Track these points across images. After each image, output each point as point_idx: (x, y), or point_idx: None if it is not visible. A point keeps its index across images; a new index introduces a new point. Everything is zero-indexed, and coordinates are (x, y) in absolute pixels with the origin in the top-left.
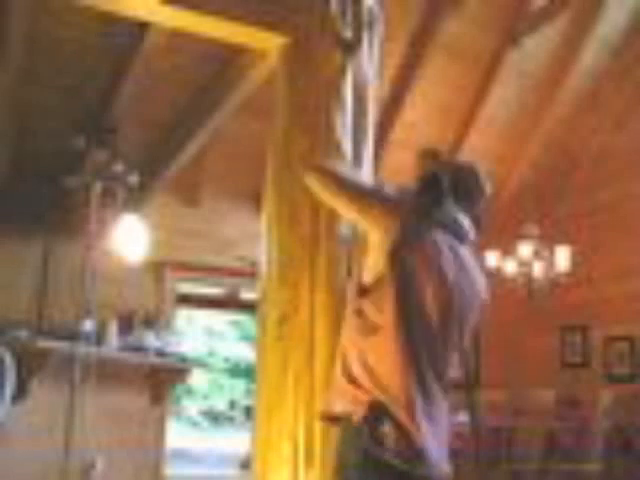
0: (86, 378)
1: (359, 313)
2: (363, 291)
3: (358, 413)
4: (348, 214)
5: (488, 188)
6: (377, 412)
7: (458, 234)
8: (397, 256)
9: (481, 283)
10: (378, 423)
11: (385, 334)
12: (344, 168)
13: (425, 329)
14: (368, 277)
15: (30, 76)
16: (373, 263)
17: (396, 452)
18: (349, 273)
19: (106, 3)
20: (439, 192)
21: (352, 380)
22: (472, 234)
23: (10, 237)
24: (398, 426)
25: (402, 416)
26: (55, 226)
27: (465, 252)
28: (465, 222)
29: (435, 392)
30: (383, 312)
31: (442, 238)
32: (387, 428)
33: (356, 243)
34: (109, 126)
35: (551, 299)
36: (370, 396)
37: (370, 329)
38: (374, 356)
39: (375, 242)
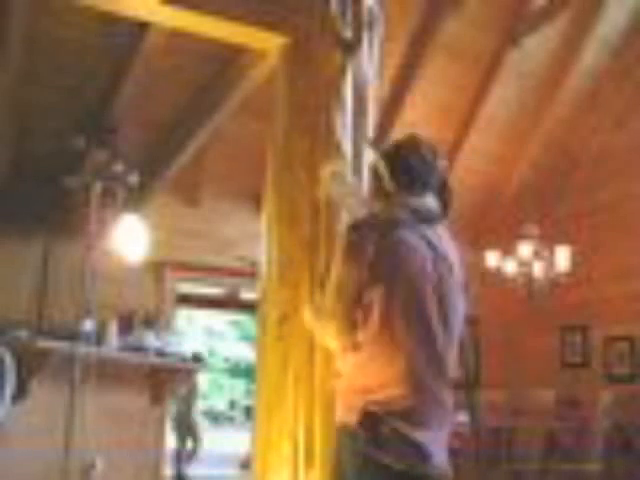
0: (86, 378)
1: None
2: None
3: (356, 417)
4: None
5: (437, 158)
6: (376, 415)
7: (425, 219)
8: (389, 289)
9: (457, 263)
10: (377, 426)
11: (382, 337)
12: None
13: (421, 328)
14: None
15: (30, 76)
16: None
17: (396, 454)
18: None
19: (106, 3)
20: (386, 192)
21: (350, 384)
22: (439, 209)
23: (10, 237)
24: (397, 428)
25: (401, 418)
26: (55, 226)
27: (434, 234)
28: (427, 202)
29: (435, 390)
30: (377, 316)
31: (409, 236)
32: (386, 430)
33: None
34: (109, 126)
35: (551, 299)
36: (369, 399)
37: (367, 335)
38: (371, 359)
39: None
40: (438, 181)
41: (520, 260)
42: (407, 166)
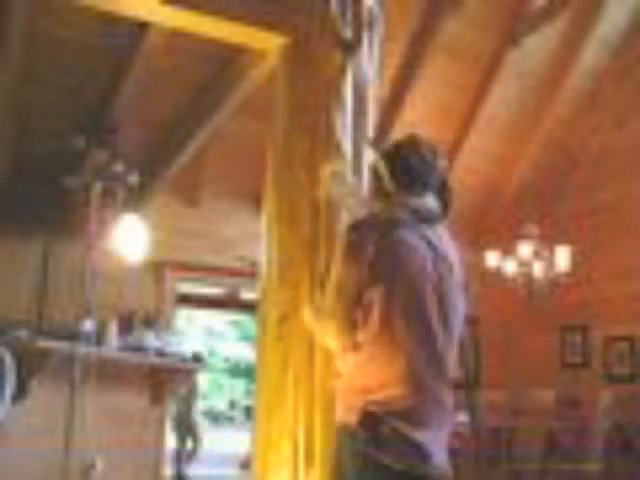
0: (86, 378)
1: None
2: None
3: (356, 417)
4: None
5: (437, 158)
6: (376, 415)
7: (425, 219)
8: (389, 292)
9: (457, 263)
10: (377, 426)
11: (382, 337)
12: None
13: (421, 328)
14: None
15: (30, 76)
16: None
17: (396, 454)
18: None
19: (106, 3)
20: (386, 193)
21: (350, 384)
22: (439, 209)
23: (10, 237)
24: (397, 428)
25: (401, 418)
26: (55, 226)
27: (434, 234)
28: (427, 202)
29: (435, 390)
30: (377, 316)
31: (409, 236)
32: (386, 430)
33: None
34: (109, 126)
35: (551, 299)
36: (369, 399)
37: (367, 335)
38: (371, 359)
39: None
40: (438, 181)
41: (520, 260)
42: (407, 166)
